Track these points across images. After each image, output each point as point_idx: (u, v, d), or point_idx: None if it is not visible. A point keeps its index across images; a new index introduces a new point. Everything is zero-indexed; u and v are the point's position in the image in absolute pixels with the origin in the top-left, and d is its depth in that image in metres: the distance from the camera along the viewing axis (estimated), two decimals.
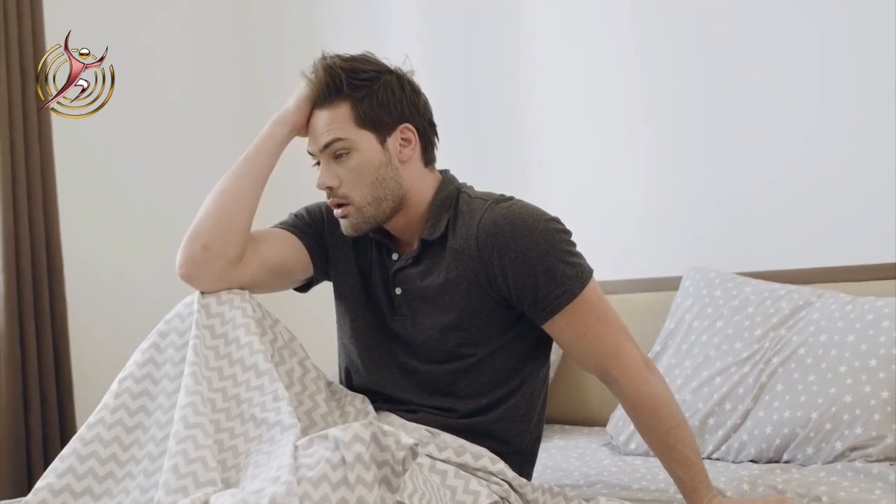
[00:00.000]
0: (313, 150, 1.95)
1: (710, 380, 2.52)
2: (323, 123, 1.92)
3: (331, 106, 1.92)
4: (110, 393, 1.83)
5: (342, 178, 1.92)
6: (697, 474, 1.88)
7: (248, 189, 1.96)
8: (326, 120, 1.92)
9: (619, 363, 1.91)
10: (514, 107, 3.47)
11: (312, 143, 1.95)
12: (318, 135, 1.93)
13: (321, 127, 1.92)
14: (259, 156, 1.98)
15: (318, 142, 1.93)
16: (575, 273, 1.89)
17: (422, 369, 1.97)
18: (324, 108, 1.92)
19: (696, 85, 3.09)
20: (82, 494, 1.75)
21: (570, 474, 2.31)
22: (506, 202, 1.95)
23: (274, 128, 1.99)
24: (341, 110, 1.91)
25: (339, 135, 1.91)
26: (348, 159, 1.92)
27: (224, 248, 1.91)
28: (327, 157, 1.92)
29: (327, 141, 1.91)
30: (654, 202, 3.17)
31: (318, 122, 1.93)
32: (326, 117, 1.92)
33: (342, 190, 1.93)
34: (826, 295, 2.54)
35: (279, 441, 1.67)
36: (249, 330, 1.84)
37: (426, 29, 3.66)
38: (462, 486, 1.80)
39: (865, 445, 2.21)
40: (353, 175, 1.92)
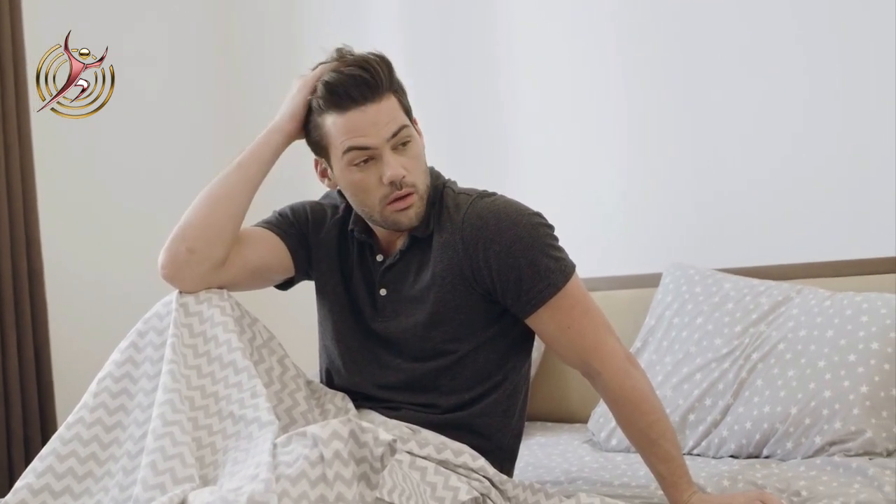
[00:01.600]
0: (376, 142, 1.87)
1: (691, 376, 2.52)
2: (386, 113, 1.88)
3: (380, 99, 1.87)
4: (89, 392, 1.82)
5: (407, 167, 1.90)
6: (678, 469, 1.89)
7: (239, 195, 1.95)
8: (387, 110, 1.88)
9: (601, 357, 1.92)
10: (495, 102, 3.46)
11: (374, 135, 1.87)
12: (383, 125, 1.87)
13: (384, 117, 1.87)
14: (252, 162, 1.97)
15: (384, 132, 1.87)
16: (558, 267, 1.91)
17: (405, 367, 1.97)
18: (371, 102, 1.87)
19: (677, 83, 3.09)
20: (62, 493, 1.74)
21: (551, 471, 2.32)
22: (490, 197, 1.96)
23: (270, 135, 1.98)
24: (391, 102, 1.89)
25: (404, 122, 1.90)
26: (411, 147, 1.91)
27: (209, 252, 1.91)
28: (390, 148, 1.88)
29: (397, 128, 1.88)
30: (635, 199, 3.18)
31: (375, 115, 1.87)
32: (385, 108, 1.88)
33: (409, 178, 1.90)
34: (805, 290, 2.55)
35: (257, 438, 1.67)
36: (227, 328, 1.84)
37: (406, 22, 3.66)
38: (442, 483, 1.80)
39: (844, 440, 2.22)
40: (416, 163, 1.92)
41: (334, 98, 1.88)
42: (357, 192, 1.93)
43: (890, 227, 2.69)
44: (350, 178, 1.91)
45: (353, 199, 1.96)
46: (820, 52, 2.85)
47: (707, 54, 3.03)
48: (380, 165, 1.88)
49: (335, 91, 1.87)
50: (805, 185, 2.85)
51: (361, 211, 1.97)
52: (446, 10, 3.57)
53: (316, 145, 1.96)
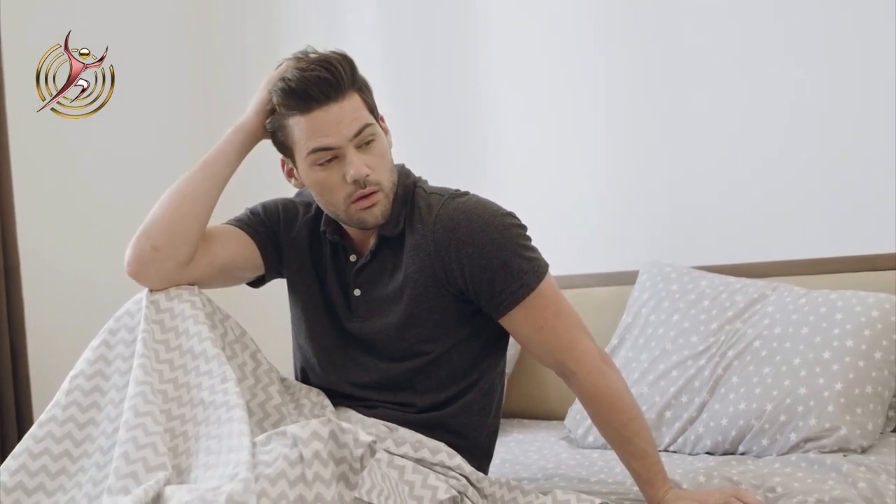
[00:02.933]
0: (338, 141, 1.86)
1: (667, 373, 2.54)
2: (349, 112, 1.86)
3: (342, 98, 1.86)
4: (62, 391, 1.82)
5: (371, 166, 1.88)
6: (653, 466, 1.89)
7: (205, 193, 1.94)
8: (350, 109, 1.87)
9: (575, 357, 1.92)
10: (472, 100, 3.46)
11: (335, 134, 1.85)
12: (345, 124, 1.86)
13: (347, 116, 1.86)
14: (218, 161, 1.97)
15: (346, 131, 1.86)
16: (531, 267, 1.91)
17: (380, 367, 1.97)
18: (333, 101, 1.85)
19: (655, 81, 3.10)
20: (35, 491, 1.73)
21: (527, 468, 2.32)
22: (461, 197, 1.95)
23: (234, 134, 1.97)
24: (355, 100, 1.88)
25: (367, 121, 1.89)
26: (375, 146, 1.90)
27: (174, 250, 1.90)
28: (353, 147, 1.87)
29: (360, 127, 1.87)
30: (613, 197, 3.18)
31: (338, 114, 1.85)
32: (348, 107, 1.86)
33: (373, 177, 1.89)
34: (780, 288, 2.56)
35: (226, 421, 1.67)
36: (198, 320, 1.84)
37: (383, 20, 3.65)
38: (420, 481, 1.80)
39: (819, 437, 2.23)
40: (380, 161, 1.91)
41: (295, 99, 1.87)
42: (322, 191, 1.92)
43: (866, 226, 2.71)
44: (314, 177, 1.90)
45: (319, 199, 1.95)
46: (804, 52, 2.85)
47: (687, 53, 3.04)
48: (343, 164, 1.87)
49: (296, 92, 1.86)
50: (783, 185, 2.86)
51: (328, 210, 1.96)
52: (425, 11, 3.56)
53: (281, 145, 1.96)
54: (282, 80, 1.89)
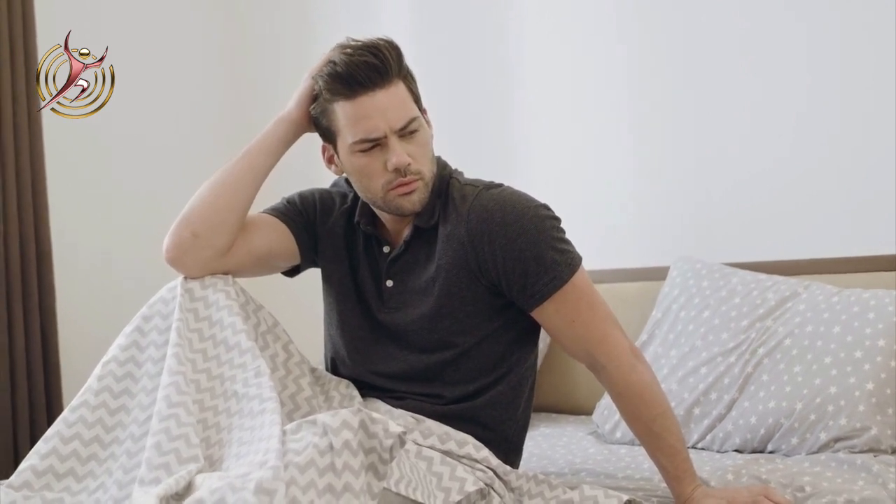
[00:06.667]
0: (384, 131, 1.85)
1: (696, 370, 2.52)
2: (397, 102, 1.86)
3: (389, 85, 1.85)
4: (94, 376, 1.83)
5: (413, 155, 1.88)
6: (682, 463, 1.88)
7: (246, 184, 1.95)
8: (396, 97, 1.86)
9: (606, 350, 1.91)
10: (503, 94, 3.47)
11: (382, 123, 1.85)
12: (393, 113, 1.85)
13: (395, 105, 1.85)
14: (260, 152, 1.97)
15: (394, 121, 1.86)
16: (564, 260, 1.90)
17: (410, 358, 1.97)
18: (380, 88, 1.84)
19: (684, 75, 3.09)
20: (65, 476, 1.75)
21: (555, 462, 2.32)
22: (496, 188, 1.95)
23: (277, 125, 1.98)
24: (400, 89, 1.88)
25: (415, 112, 1.89)
26: (418, 135, 1.90)
27: (214, 238, 1.91)
28: (396, 136, 1.87)
29: (406, 121, 1.87)
30: (643, 192, 3.17)
31: (384, 101, 1.85)
32: (394, 94, 1.86)
33: (415, 166, 1.89)
34: (813, 286, 2.54)
35: (258, 413, 1.67)
36: (232, 311, 1.84)
37: (416, 16, 3.66)
38: (448, 473, 1.80)
39: (850, 436, 2.21)
40: (423, 151, 1.91)
41: (341, 83, 1.86)
42: (361, 177, 1.92)
43: None
44: (355, 162, 1.90)
45: (357, 184, 1.95)
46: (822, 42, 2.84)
47: (712, 48, 3.03)
48: (385, 152, 1.87)
49: (342, 76, 1.85)
50: (813, 179, 2.84)
51: (365, 196, 1.96)
52: (458, 9, 3.57)
53: (323, 131, 1.95)
54: (328, 64, 1.88)
